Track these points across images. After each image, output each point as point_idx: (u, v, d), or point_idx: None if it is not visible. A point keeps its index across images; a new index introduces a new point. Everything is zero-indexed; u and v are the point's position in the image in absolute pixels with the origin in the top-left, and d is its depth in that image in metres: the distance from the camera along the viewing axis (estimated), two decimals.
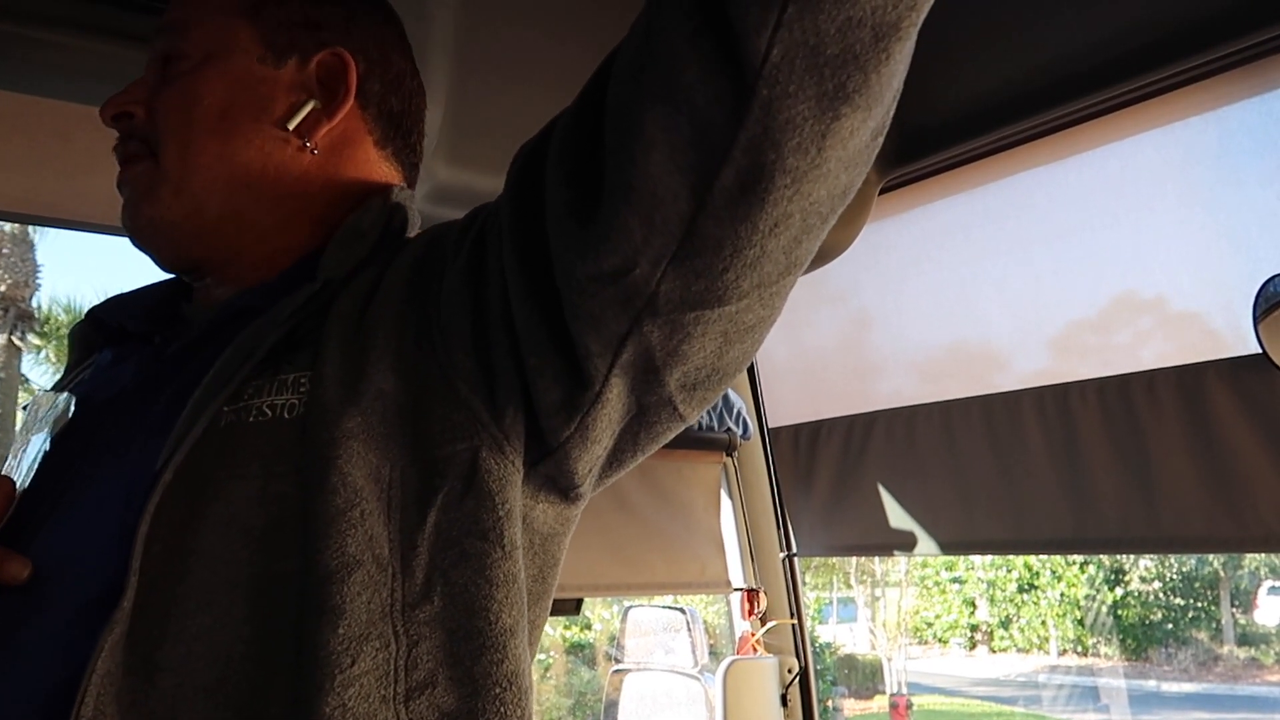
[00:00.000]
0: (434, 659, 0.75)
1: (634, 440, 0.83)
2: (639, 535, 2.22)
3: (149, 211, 0.94)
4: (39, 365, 16.20)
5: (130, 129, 0.96)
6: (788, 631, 2.35)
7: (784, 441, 2.38)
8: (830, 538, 2.28)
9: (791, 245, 0.70)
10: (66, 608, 0.77)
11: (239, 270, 0.95)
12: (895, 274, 2.11)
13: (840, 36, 0.61)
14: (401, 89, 1.01)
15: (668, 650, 2.46)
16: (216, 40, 0.94)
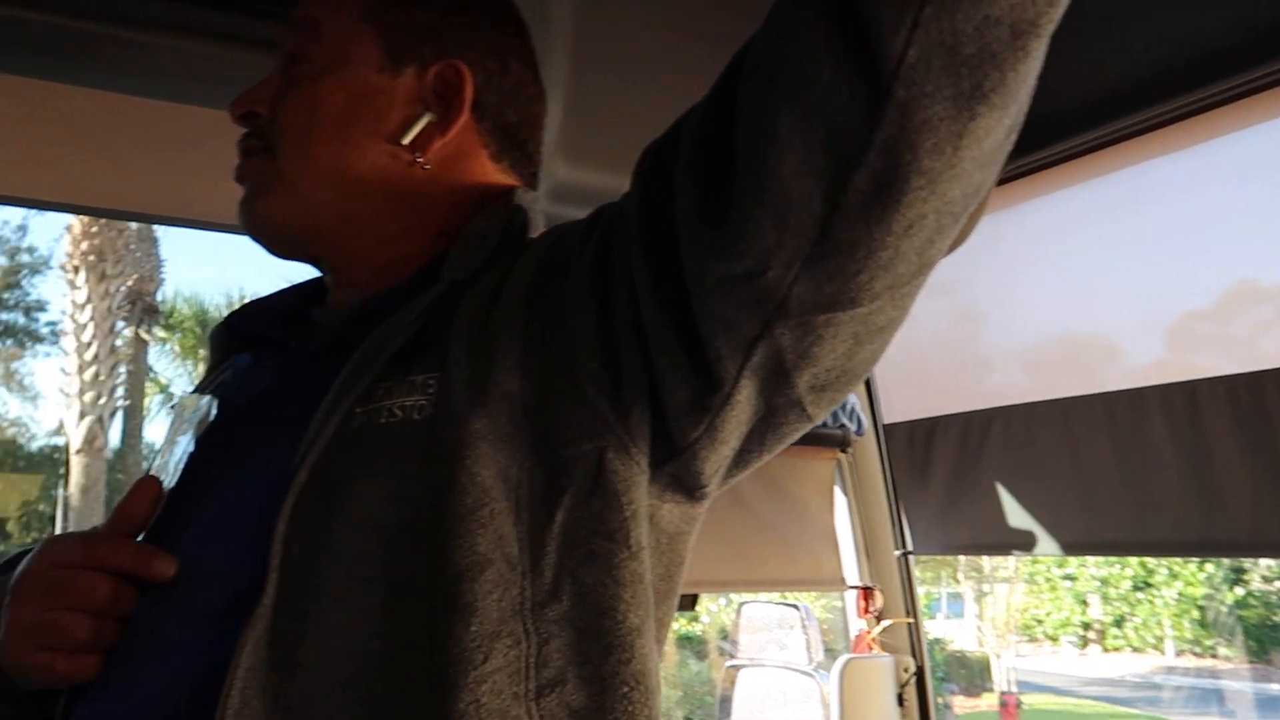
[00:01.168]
0: (563, 657, 0.76)
1: (760, 440, 0.82)
2: (753, 532, 2.22)
3: (262, 207, 0.96)
4: (164, 357, 16.81)
5: (256, 127, 0.98)
6: (903, 630, 2.33)
7: (899, 438, 2.35)
8: (947, 536, 2.24)
9: (925, 246, 0.69)
10: (210, 604, 0.79)
11: (364, 275, 0.97)
12: (1008, 266, 2.07)
13: (978, 35, 0.61)
14: (519, 99, 1.01)
15: (781, 646, 2.45)
16: (340, 46, 0.96)
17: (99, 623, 0.81)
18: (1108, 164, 1.80)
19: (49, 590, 0.81)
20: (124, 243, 13.53)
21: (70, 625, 0.80)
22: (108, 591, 0.81)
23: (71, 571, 0.81)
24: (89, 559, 0.82)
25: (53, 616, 0.80)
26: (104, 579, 0.81)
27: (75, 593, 0.80)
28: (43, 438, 16.76)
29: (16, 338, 16.67)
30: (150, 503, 0.86)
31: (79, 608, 0.80)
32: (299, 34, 0.98)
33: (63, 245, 13.59)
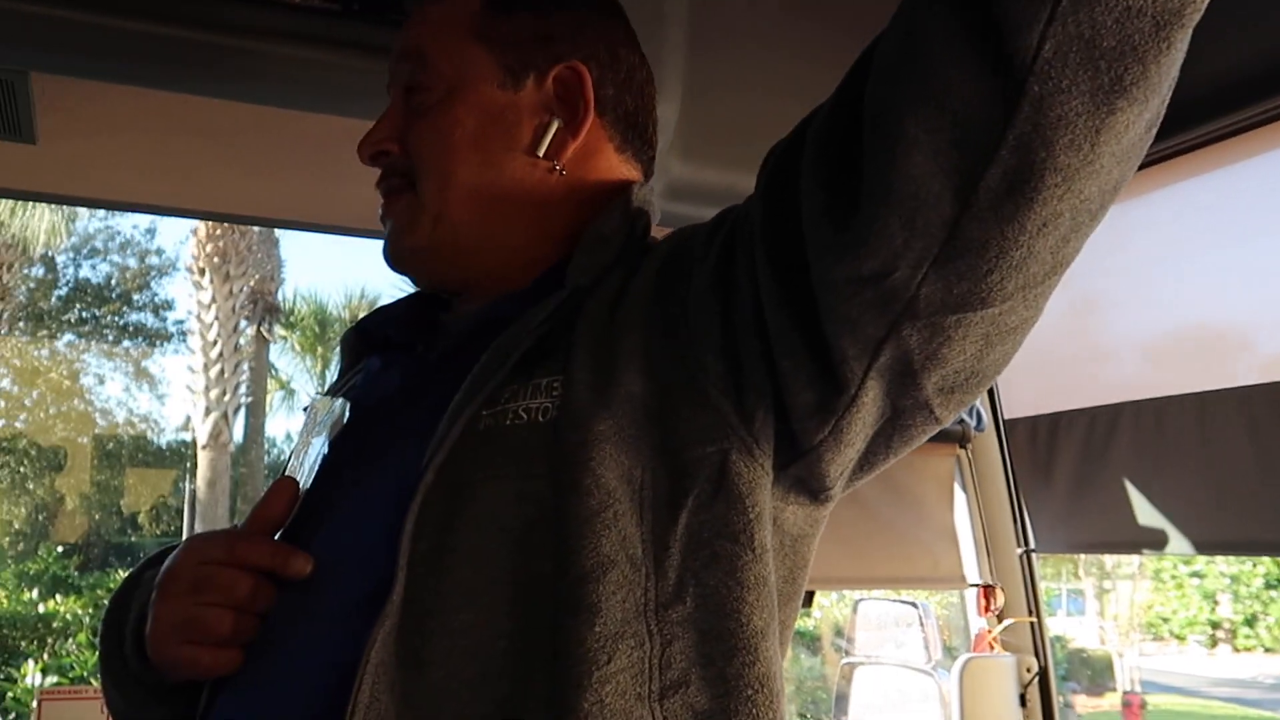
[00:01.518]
0: (687, 659, 0.76)
1: (887, 443, 0.81)
2: (870, 529, 2.19)
3: (409, 241, 0.97)
4: (284, 354, 17.31)
5: (390, 165, 0.99)
6: (1025, 629, 2.28)
7: (1021, 434, 2.30)
8: (1071, 534, 2.19)
9: (1059, 244, 0.68)
10: (343, 601, 0.81)
11: (493, 283, 0.98)
12: (1136, 256, 2.00)
13: (1118, 27, 0.59)
14: (633, 85, 1.01)
15: (899, 644, 2.42)
16: (455, 70, 0.96)
17: (240, 618, 0.83)
18: (1242, 150, 1.73)
19: (193, 586, 0.84)
20: (246, 244, 13.95)
21: (213, 620, 0.83)
22: (248, 588, 0.83)
23: (214, 569, 0.84)
24: (231, 557, 0.84)
25: (197, 612, 0.83)
26: (245, 576, 0.84)
27: (218, 589, 0.83)
28: (171, 433, 17.41)
29: (146, 336, 17.32)
30: (287, 503, 0.89)
31: (221, 603, 0.83)
32: (410, 64, 0.98)
33: (188, 248, 14.08)
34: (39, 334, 16.30)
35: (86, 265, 16.54)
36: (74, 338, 16.90)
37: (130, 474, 16.58)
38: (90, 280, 16.66)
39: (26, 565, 12.24)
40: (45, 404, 16.60)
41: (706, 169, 1.51)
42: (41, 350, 16.52)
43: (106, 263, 16.77)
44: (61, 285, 16.35)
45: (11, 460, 15.66)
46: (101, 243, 16.52)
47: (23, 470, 15.69)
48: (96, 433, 16.81)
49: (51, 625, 10.29)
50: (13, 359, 15.59)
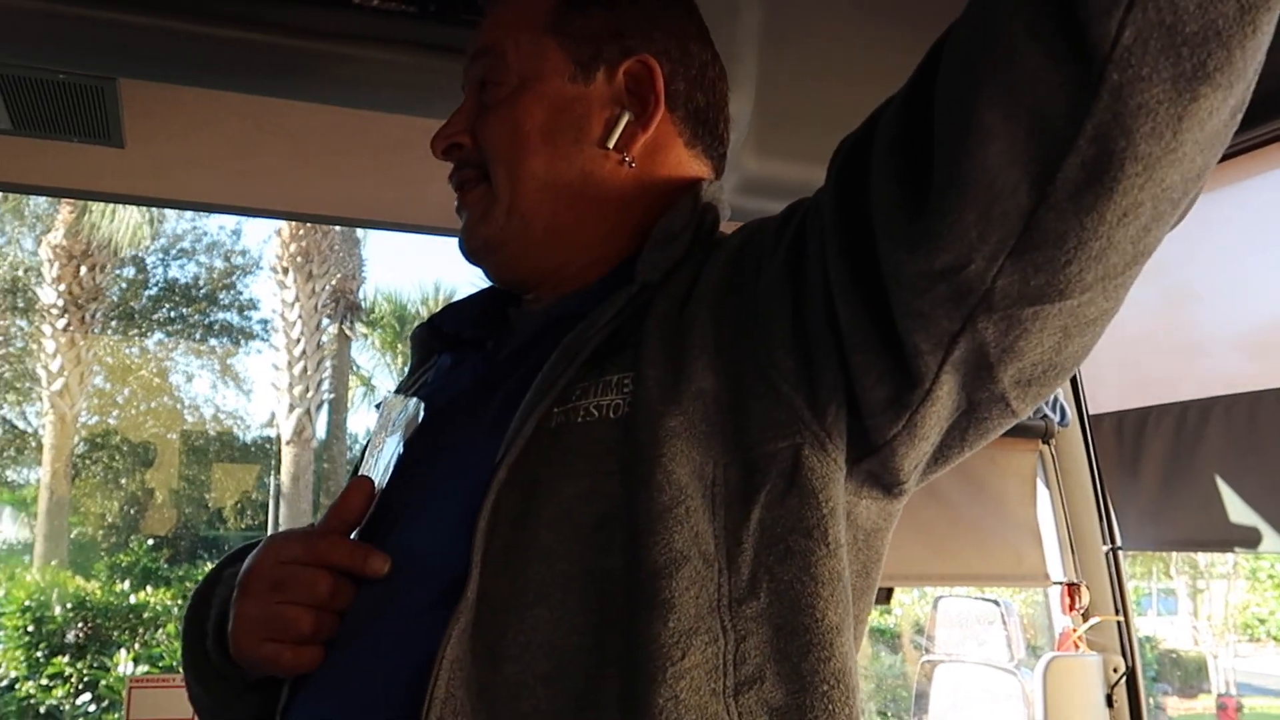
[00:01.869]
0: (761, 654, 0.76)
1: (962, 436, 0.80)
2: (951, 525, 2.17)
3: (484, 232, 0.98)
4: (365, 351, 17.59)
5: (462, 158, 1.00)
6: (1112, 628, 2.23)
7: (1106, 429, 2.25)
8: (1160, 531, 2.14)
9: (1141, 234, 0.66)
10: (420, 597, 0.82)
11: (562, 278, 0.99)
12: (1229, 247, 1.95)
13: (1201, 12, 0.57)
14: (705, 81, 1.01)
15: (980, 643, 2.39)
16: (528, 64, 0.97)
17: (320, 616, 0.85)
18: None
19: (274, 585, 0.86)
20: (328, 244, 14.19)
21: (294, 618, 0.84)
22: (328, 587, 0.85)
23: (295, 568, 0.86)
24: (310, 555, 0.86)
25: (278, 610, 0.85)
26: (325, 575, 0.85)
27: (298, 588, 0.85)
28: (256, 429, 17.78)
29: (232, 335, 17.70)
30: (364, 502, 0.90)
31: (302, 602, 0.85)
32: (484, 60, 1.00)
33: (272, 247, 14.39)
34: (130, 333, 16.75)
35: (175, 265, 16.97)
36: (163, 336, 17.34)
37: (216, 469, 16.97)
38: (178, 280, 17.08)
39: (119, 557, 12.59)
40: (136, 401, 17.05)
41: (780, 163, 1.50)
42: (132, 348, 16.98)
43: (194, 263, 17.18)
44: (151, 285, 16.78)
45: (104, 456, 16.12)
46: (189, 243, 16.94)
47: (115, 465, 16.15)
48: (184, 429, 17.24)
49: (142, 616, 10.57)
50: (105, 357, 16.04)
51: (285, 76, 1.39)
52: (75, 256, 13.59)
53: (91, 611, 10.42)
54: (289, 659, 0.84)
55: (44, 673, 9.84)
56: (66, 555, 13.55)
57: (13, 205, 14.59)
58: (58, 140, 1.62)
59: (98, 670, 9.99)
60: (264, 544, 0.90)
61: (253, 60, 1.35)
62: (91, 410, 16.07)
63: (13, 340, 15.18)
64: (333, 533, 0.88)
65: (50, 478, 13.75)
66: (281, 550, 0.87)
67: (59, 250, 13.58)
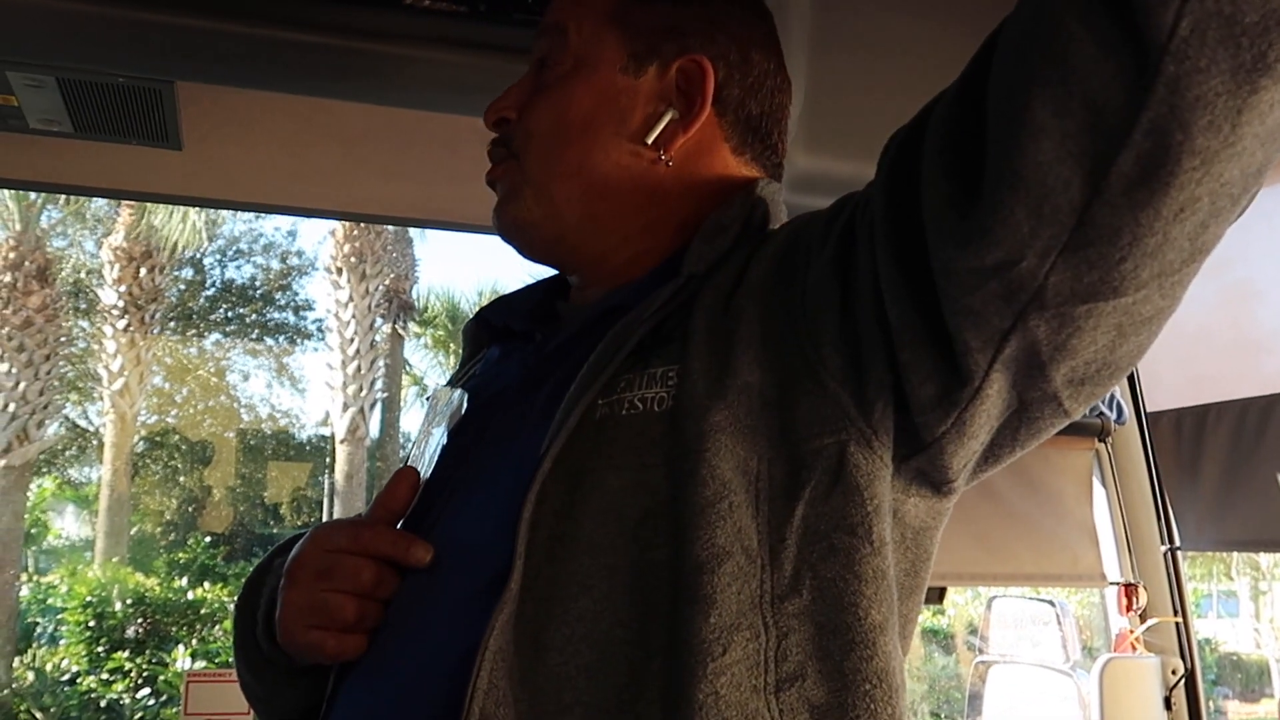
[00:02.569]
0: (803, 652, 0.75)
1: (1013, 435, 0.79)
2: (1005, 524, 2.15)
3: (513, 211, 0.98)
4: (419, 350, 17.74)
5: (507, 133, 1.01)
6: (1170, 630, 2.20)
7: (1164, 427, 2.22)
8: (1220, 531, 2.10)
9: (1198, 230, 0.64)
10: (465, 588, 0.83)
11: (607, 271, 0.98)
12: None
13: (1262, 1, 0.56)
14: (762, 91, 1.00)
15: (1035, 643, 2.36)
16: (586, 48, 0.97)
17: (365, 604, 0.86)
18: None
19: (319, 573, 0.87)
20: (382, 244, 14.33)
21: (339, 605, 0.85)
22: (372, 575, 0.86)
23: (340, 556, 0.87)
24: (355, 545, 0.87)
25: (323, 597, 0.86)
26: (369, 564, 0.86)
27: (343, 576, 0.86)
28: (310, 428, 17.99)
29: (287, 335, 17.92)
30: (409, 492, 0.91)
31: (347, 590, 0.86)
32: (548, 38, 1.00)
33: (326, 248, 14.53)
34: (188, 333, 17.01)
35: (232, 266, 17.22)
36: (220, 336, 17.60)
37: (272, 467, 17.20)
38: (235, 281, 17.33)
39: (177, 554, 12.80)
40: (194, 400, 17.32)
41: (831, 159, 1.49)
42: (190, 348, 17.24)
43: (250, 264, 17.42)
44: (209, 286, 17.03)
45: (163, 454, 16.39)
46: (246, 244, 17.18)
47: (174, 463, 16.41)
48: (241, 427, 17.49)
49: (200, 612, 10.75)
50: (164, 357, 16.30)
51: (338, 77, 1.41)
52: (135, 258, 13.84)
53: (151, 607, 10.62)
54: (333, 645, 0.86)
55: (104, 667, 10.04)
56: (127, 552, 13.80)
57: (74, 209, 14.87)
58: (117, 143, 1.65)
59: (156, 665, 10.17)
60: (310, 533, 0.91)
61: (306, 62, 1.37)
62: (151, 409, 16.35)
63: (75, 341, 15.47)
64: (378, 522, 0.89)
65: (111, 475, 14.01)
66: (327, 539, 0.88)
67: (119, 252, 13.83)
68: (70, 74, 1.41)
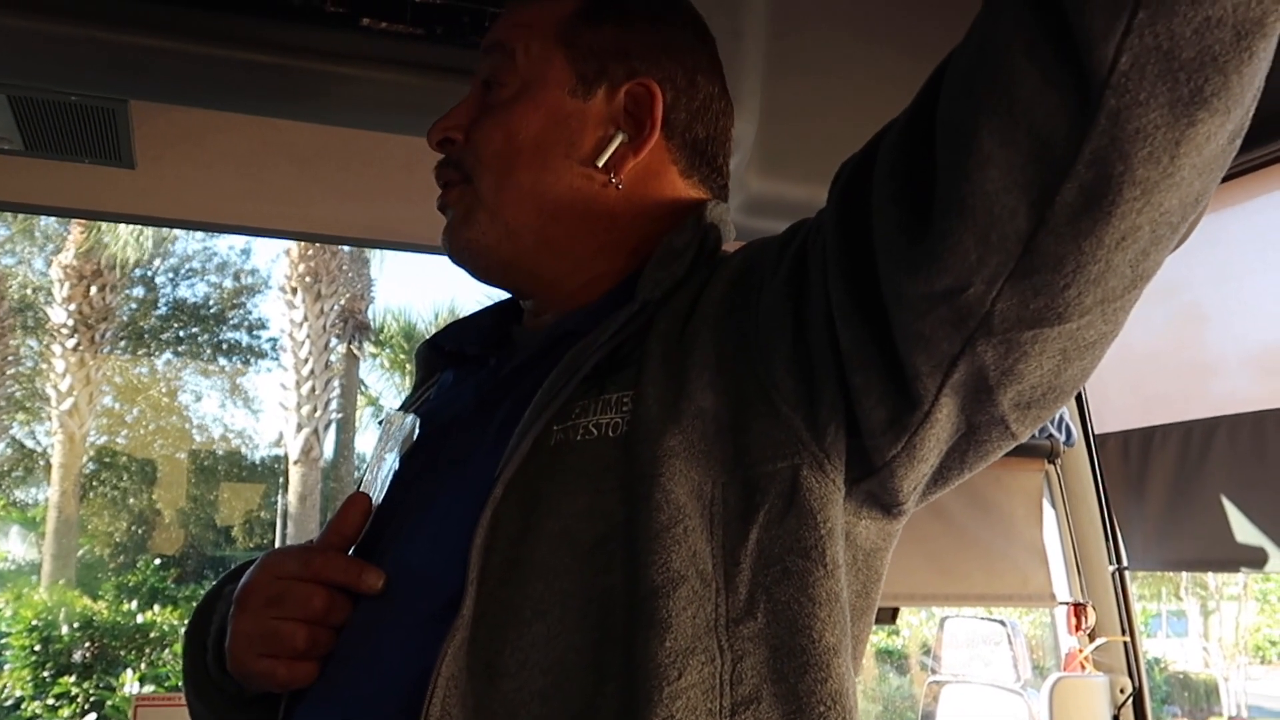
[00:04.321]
0: (758, 675, 0.75)
1: (962, 458, 0.80)
2: (957, 545, 2.16)
3: (466, 234, 0.97)
4: (374, 371, 17.62)
5: (451, 153, 1.00)
6: (1118, 649, 2.23)
7: (1112, 448, 2.25)
8: (1166, 551, 2.13)
9: (1139, 258, 0.66)
10: (416, 613, 0.82)
11: (561, 295, 0.98)
12: (1235, 266, 1.95)
13: (1197, 38, 0.57)
14: (708, 114, 1.01)
15: (986, 663, 2.38)
16: (533, 70, 0.97)
17: (315, 631, 0.85)
18: None
19: (270, 600, 0.86)
20: (337, 264, 14.23)
21: (290, 633, 0.84)
22: (324, 602, 0.85)
23: (290, 583, 0.86)
24: (306, 571, 0.86)
25: (274, 625, 0.85)
26: (320, 590, 0.85)
27: (294, 603, 0.85)
28: (264, 449, 17.80)
29: (241, 354, 17.74)
30: (360, 518, 0.90)
31: (297, 617, 0.85)
32: (493, 58, 0.99)
33: (281, 267, 14.41)
34: (139, 352, 16.79)
35: (184, 285, 17.03)
36: (172, 356, 17.39)
37: (224, 488, 16.99)
38: (188, 300, 17.14)
39: (126, 577, 12.59)
40: (145, 420, 17.09)
41: (784, 184, 1.51)
42: (141, 368, 17.02)
43: (204, 282, 17.25)
44: (161, 305, 16.84)
45: (113, 475, 16.15)
46: (199, 263, 17.01)
47: (123, 485, 16.17)
48: (193, 448, 17.27)
49: (149, 635, 10.57)
50: (115, 376, 16.07)
51: (294, 98, 1.40)
52: (85, 276, 13.66)
53: (98, 631, 10.43)
54: (284, 674, 0.85)
55: (50, 692, 9.84)
56: (74, 575, 13.56)
57: (23, 226, 14.67)
58: (69, 161, 1.63)
59: (104, 690, 9.99)
60: (261, 560, 0.90)
61: (262, 82, 1.36)
62: (100, 430, 16.11)
63: (23, 360, 15.23)
64: (329, 549, 0.88)
65: (59, 497, 13.77)
66: (278, 566, 0.88)
67: (69, 270, 13.65)
68: (22, 91, 1.40)
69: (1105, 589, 2.24)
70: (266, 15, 1.31)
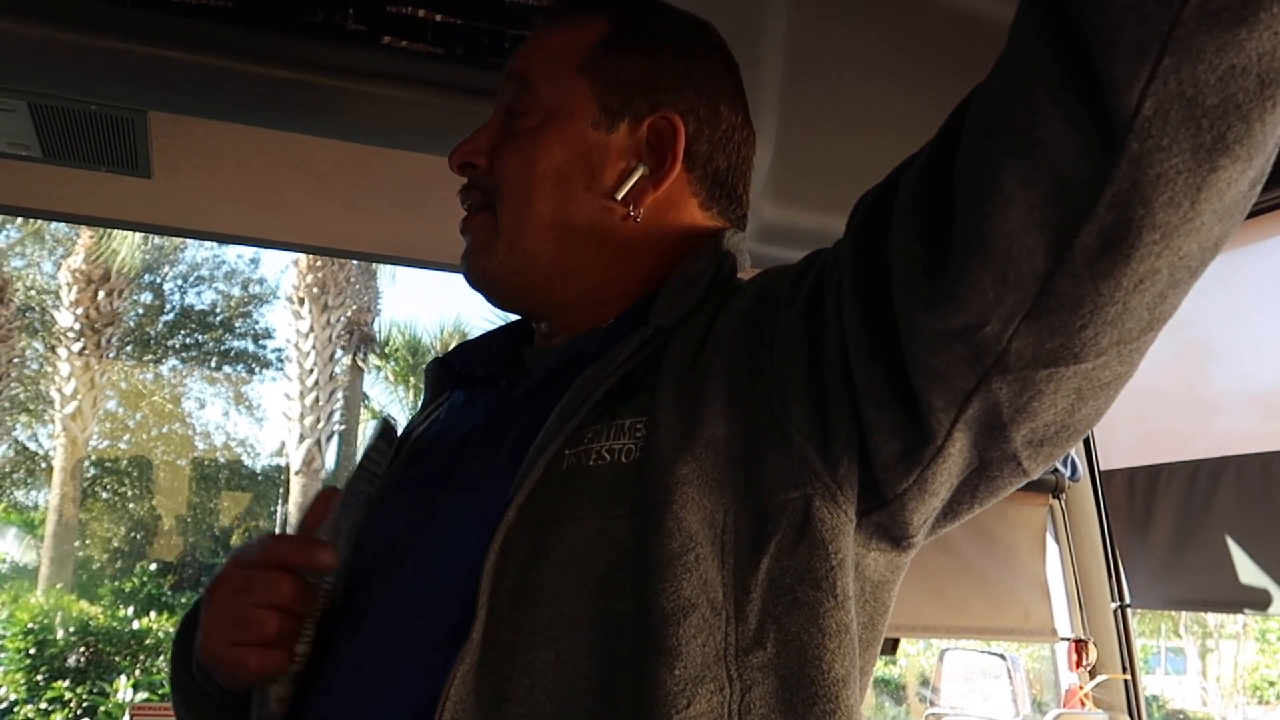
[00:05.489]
0: (767, 705, 0.75)
1: (972, 493, 0.80)
2: (959, 577, 2.16)
3: (484, 263, 0.97)
4: (379, 384, 17.62)
5: (474, 178, 1.00)
6: (1119, 687, 2.22)
7: (1117, 485, 2.25)
8: (1170, 590, 2.13)
9: (1157, 300, 0.66)
10: (426, 636, 0.82)
11: (573, 318, 0.98)
12: (1245, 306, 1.95)
13: (1222, 86, 0.57)
14: (730, 145, 1.00)
15: (985, 697, 2.37)
16: (557, 101, 0.96)
17: (286, 618, 0.84)
18: None
19: (238, 588, 0.85)
20: (345, 276, 14.26)
21: (260, 620, 0.84)
22: (292, 588, 0.84)
23: (255, 571, 0.85)
24: (265, 557, 0.86)
25: (243, 612, 0.84)
26: (287, 577, 0.84)
27: (262, 589, 0.84)
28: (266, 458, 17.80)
29: (246, 363, 17.76)
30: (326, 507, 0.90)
31: (266, 604, 0.84)
32: (515, 86, 0.99)
33: (289, 277, 14.45)
34: (144, 358, 16.82)
35: (192, 292, 17.07)
36: (177, 362, 17.41)
37: (225, 497, 16.98)
38: (195, 307, 17.18)
39: (123, 583, 12.58)
40: (148, 426, 17.10)
41: (799, 212, 1.51)
42: (146, 374, 17.04)
43: (211, 290, 17.28)
44: (168, 311, 16.88)
45: (114, 480, 16.15)
46: (208, 270, 17.04)
47: (124, 490, 16.17)
48: (194, 455, 17.27)
49: (144, 642, 10.54)
50: (119, 381, 16.09)
51: (311, 113, 1.41)
52: (94, 281, 13.69)
53: (94, 636, 10.40)
54: (256, 661, 0.84)
55: (43, 696, 9.81)
56: (72, 578, 13.54)
57: (33, 230, 14.73)
58: (87, 169, 1.64)
59: (97, 696, 9.96)
60: (231, 554, 0.90)
61: (280, 96, 1.37)
62: (103, 434, 16.12)
63: (28, 362, 15.25)
64: (285, 535, 0.88)
65: (59, 500, 13.77)
66: (243, 555, 0.87)
67: (78, 274, 13.69)
68: (42, 99, 1.40)
69: (1107, 626, 2.24)
70: (288, 31, 1.32)
